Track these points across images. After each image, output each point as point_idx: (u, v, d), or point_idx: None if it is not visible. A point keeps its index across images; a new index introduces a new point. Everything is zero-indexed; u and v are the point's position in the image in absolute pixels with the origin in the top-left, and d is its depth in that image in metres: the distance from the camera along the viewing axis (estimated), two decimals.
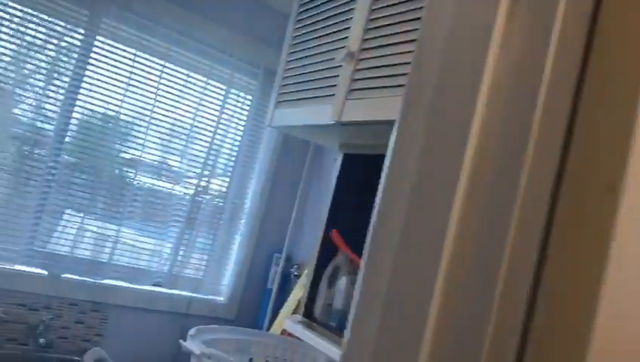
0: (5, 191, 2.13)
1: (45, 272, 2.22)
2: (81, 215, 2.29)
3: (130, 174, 2.38)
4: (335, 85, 1.56)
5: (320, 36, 1.71)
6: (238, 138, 2.63)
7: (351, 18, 1.55)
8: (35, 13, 2.14)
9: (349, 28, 1.55)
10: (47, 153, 2.20)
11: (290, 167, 2.74)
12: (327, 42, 1.66)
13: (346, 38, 1.56)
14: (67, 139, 2.25)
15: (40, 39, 2.16)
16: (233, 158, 2.63)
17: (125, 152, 2.37)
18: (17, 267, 2.17)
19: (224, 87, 2.57)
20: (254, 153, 2.69)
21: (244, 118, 2.64)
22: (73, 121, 2.26)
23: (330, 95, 1.58)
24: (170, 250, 2.50)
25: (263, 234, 2.71)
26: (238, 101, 2.62)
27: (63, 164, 2.24)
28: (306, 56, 1.77)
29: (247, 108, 2.65)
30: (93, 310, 2.32)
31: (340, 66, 1.56)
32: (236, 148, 2.63)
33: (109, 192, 2.33)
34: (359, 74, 1.47)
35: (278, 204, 2.73)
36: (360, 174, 1.80)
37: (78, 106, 2.25)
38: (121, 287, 2.38)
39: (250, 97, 2.65)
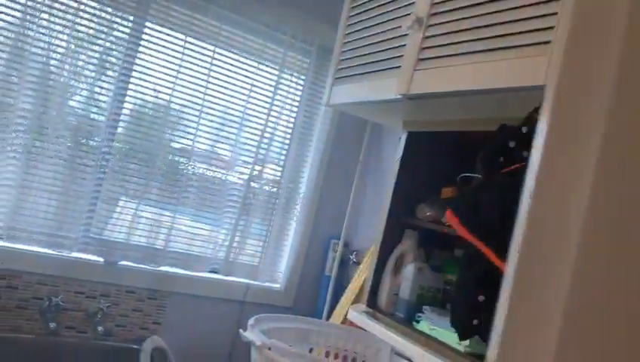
0: (62, 178, 2.11)
1: (101, 259, 2.20)
2: (136, 201, 2.25)
3: (184, 161, 2.33)
4: (401, 56, 1.43)
5: (382, 4, 1.57)
6: (292, 121, 2.54)
7: None
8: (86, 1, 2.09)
9: None
10: (100, 141, 2.17)
11: (346, 148, 2.63)
12: (391, 10, 1.52)
13: (412, 3, 1.42)
14: (120, 126, 2.22)
15: (92, 28, 2.12)
16: (287, 142, 2.54)
17: (179, 138, 2.32)
18: (74, 254, 2.15)
19: (276, 70, 2.47)
20: (308, 136, 2.59)
21: (297, 99, 2.54)
22: (126, 107, 2.22)
23: (396, 67, 1.45)
24: (225, 236, 2.44)
25: (320, 220, 2.62)
26: (291, 82, 2.51)
27: (117, 152, 2.20)
28: (366, 27, 1.64)
29: (300, 89, 2.54)
30: (150, 297, 2.29)
31: (406, 35, 1.43)
32: (289, 132, 2.54)
33: (163, 177, 2.28)
34: (429, 42, 1.34)
35: (335, 187, 2.63)
36: (426, 153, 1.67)
37: (131, 90, 2.21)
38: (178, 274, 2.34)
39: (303, 77, 2.54)
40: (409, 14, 1.41)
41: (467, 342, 1.32)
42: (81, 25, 2.10)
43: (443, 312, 1.54)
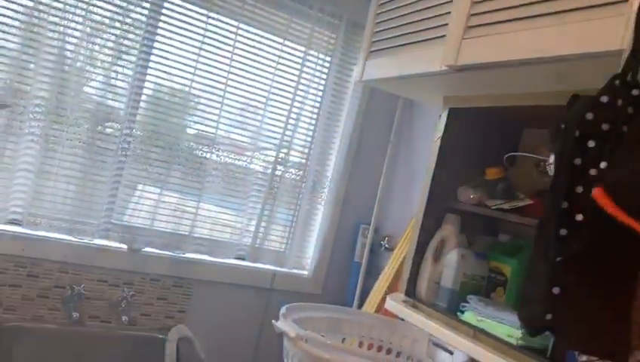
0: (81, 162, 2.04)
1: (124, 246, 2.12)
2: (159, 186, 2.17)
3: (207, 147, 2.23)
4: (445, 24, 1.31)
5: None
6: (319, 101, 2.42)
7: None
8: None
9: None
10: (121, 124, 2.08)
11: (376, 129, 2.51)
12: None
13: None
14: (141, 107, 2.13)
15: (111, 3, 2.02)
16: (313, 123, 2.43)
17: (202, 121, 2.22)
18: (96, 241, 2.08)
19: (302, 47, 2.35)
20: (336, 117, 2.48)
21: (324, 77, 2.42)
22: (147, 87, 2.13)
23: (439, 37, 1.33)
24: (250, 222, 2.35)
25: (348, 204, 2.51)
26: (318, 59, 2.39)
27: (138, 136, 2.12)
28: None
29: (327, 66, 2.42)
30: (175, 285, 2.21)
31: (450, 2, 1.31)
32: (316, 112, 2.43)
33: (187, 160, 2.20)
34: (479, 7, 1.22)
35: (364, 170, 2.51)
36: (469, 132, 1.55)
37: (151, 69, 2.12)
38: (203, 261, 2.27)
39: (330, 54, 2.41)
40: None
41: (519, 334, 1.22)
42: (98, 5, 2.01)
43: (490, 302, 1.44)
